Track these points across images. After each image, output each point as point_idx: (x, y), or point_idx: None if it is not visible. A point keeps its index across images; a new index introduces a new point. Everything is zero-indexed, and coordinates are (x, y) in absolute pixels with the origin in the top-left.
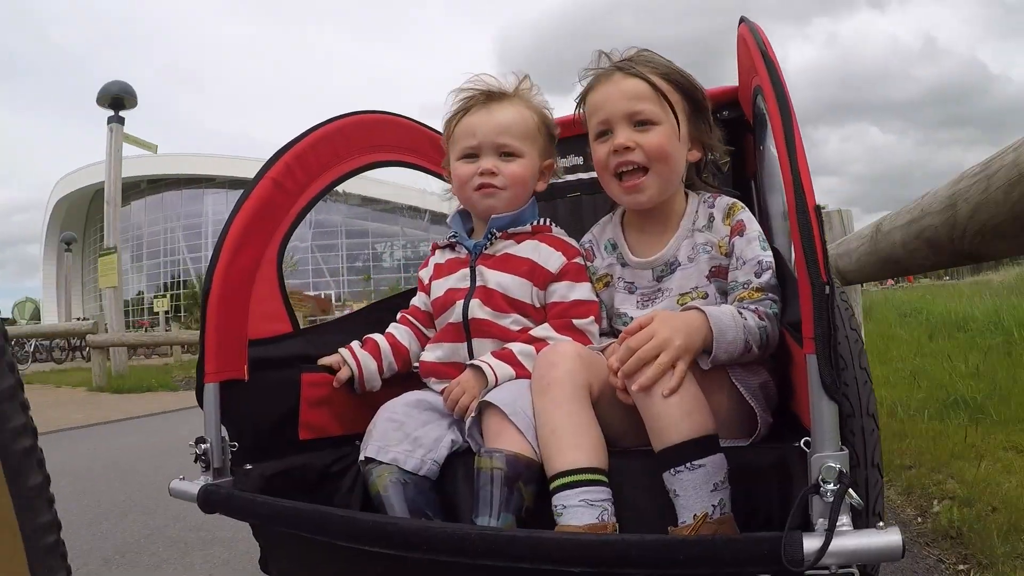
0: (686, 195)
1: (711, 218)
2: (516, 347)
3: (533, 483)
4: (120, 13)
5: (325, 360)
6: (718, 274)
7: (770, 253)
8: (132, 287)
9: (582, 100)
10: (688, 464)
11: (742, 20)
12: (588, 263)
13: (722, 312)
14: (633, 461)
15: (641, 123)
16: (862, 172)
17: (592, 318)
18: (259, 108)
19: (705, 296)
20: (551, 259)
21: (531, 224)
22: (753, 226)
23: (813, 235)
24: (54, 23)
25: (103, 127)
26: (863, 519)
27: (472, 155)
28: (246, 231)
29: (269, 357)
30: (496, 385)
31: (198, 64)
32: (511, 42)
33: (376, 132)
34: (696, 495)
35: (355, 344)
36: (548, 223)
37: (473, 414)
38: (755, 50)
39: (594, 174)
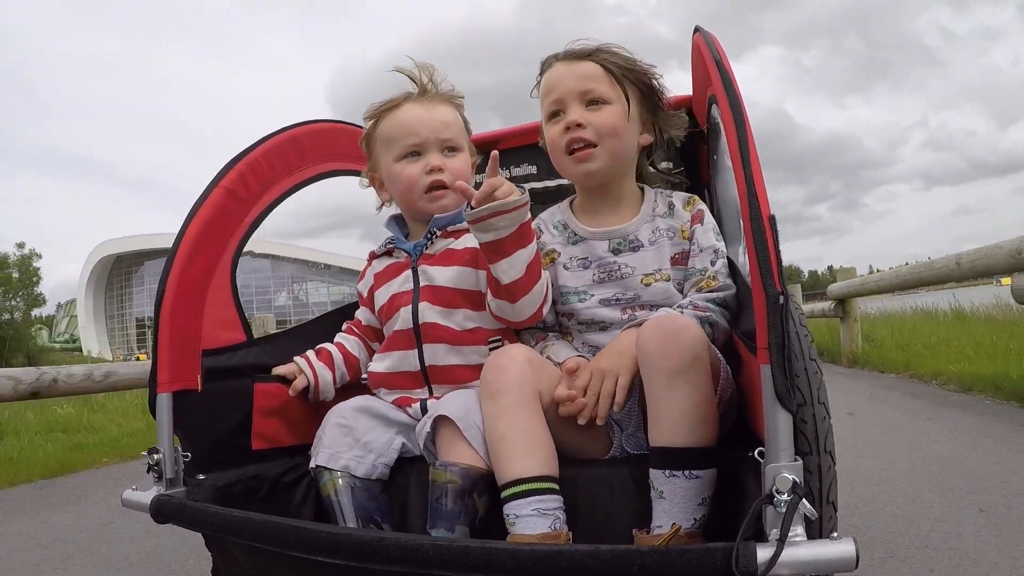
0: (641, 189)
1: (671, 206)
2: None
3: (486, 493)
4: None
5: (280, 370)
6: (679, 261)
7: (723, 243)
8: None
9: (537, 86)
10: (686, 472)
11: (697, 29)
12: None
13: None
14: (586, 470)
15: (593, 102)
16: None
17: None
18: (101, 127)
19: (668, 279)
20: None
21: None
22: (710, 217)
23: (767, 244)
24: None
25: None
26: (816, 528)
27: (415, 153)
28: (199, 240)
29: (222, 367)
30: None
31: (35, 77)
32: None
33: (330, 141)
34: (684, 504)
35: (310, 353)
36: None
37: (428, 429)
38: (709, 59)
39: (548, 183)
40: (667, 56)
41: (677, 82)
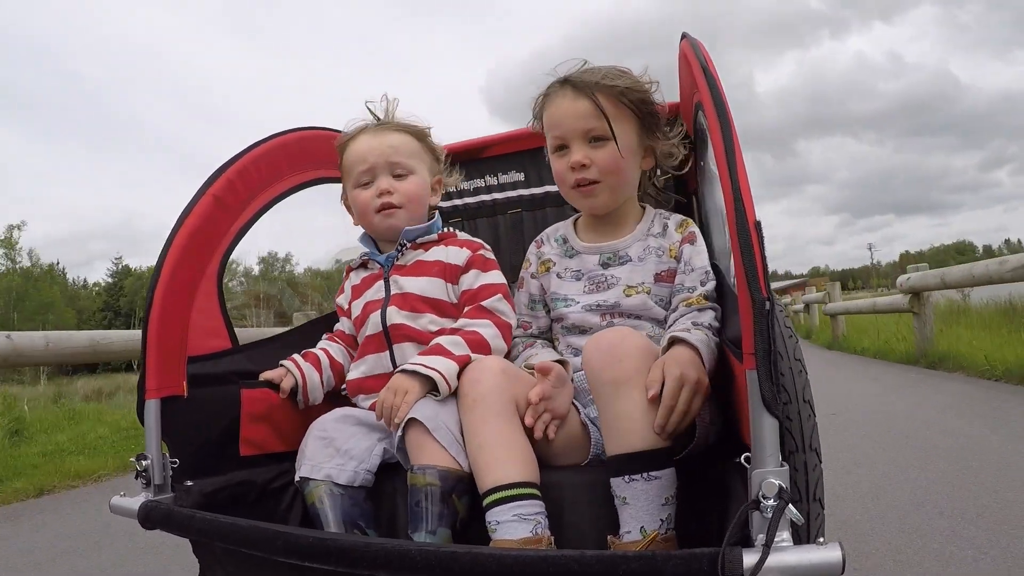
0: (642, 207)
1: (665, 227)
2: (444, 340)
3: (467, 495)
4: (140, 49)
5: (267, 374)
6: (664, 279)
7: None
8: None
9: (537, 112)
10: (645, 474)
11: (684, 36)
12: (536, 250)
13: (701, 341)
14: (566, 476)
15: (595, 139)
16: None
17: (500, 295)
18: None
19: (648, 292)
20: (459, 255)
21: (437, 233)
22: (702, 240)
23: (753, 251)
24: (72, 57)
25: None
26: (803, 534)
27: (368, 182)
28: (187, 248)
29: (209, 373)
30: (443, 378)
31: (216, 99)
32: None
33: (318, 148)
34: (647, 507)
35: (296, 356)
36: (452, 231)
37: (399, 432)
38: (696, 66)
39: (535, 190)
40: (819, 26)
41: (824, 53)
